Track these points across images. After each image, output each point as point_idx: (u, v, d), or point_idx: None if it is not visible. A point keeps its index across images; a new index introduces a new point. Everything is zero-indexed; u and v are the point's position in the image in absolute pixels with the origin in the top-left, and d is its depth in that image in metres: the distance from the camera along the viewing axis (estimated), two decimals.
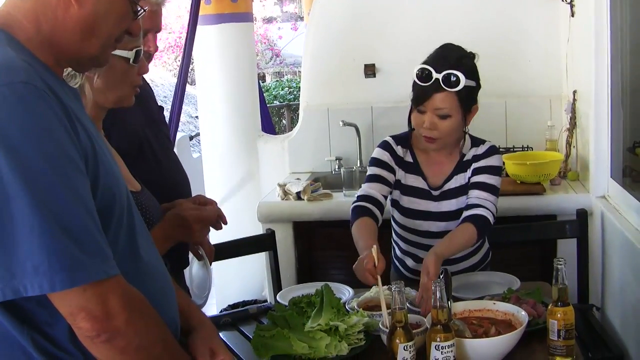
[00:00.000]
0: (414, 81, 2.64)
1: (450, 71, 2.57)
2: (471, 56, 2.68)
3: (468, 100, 2.65)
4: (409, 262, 2.90)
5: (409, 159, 2.81)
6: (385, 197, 2.77)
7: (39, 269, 1.28)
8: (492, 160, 2.74)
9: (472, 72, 2.64)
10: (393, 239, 2.97)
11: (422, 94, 2.61)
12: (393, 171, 2.79)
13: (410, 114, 2.72)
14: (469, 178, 2.74)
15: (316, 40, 4.54)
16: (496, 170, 2.74)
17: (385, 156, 2.80)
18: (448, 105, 2.60)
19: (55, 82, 1.44)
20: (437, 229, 2.77)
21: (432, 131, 2.64)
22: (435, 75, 2.57)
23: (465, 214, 2.65)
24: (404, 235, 2.87)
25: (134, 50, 2.02)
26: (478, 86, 2.68)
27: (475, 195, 2.68)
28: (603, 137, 3.33)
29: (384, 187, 2.77)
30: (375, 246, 2.39)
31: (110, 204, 1.47)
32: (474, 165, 2.74)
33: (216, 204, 2.36)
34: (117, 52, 1.98)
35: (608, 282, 3.21)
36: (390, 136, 2.85)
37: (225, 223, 2.32)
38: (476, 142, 2.79)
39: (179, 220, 2.17)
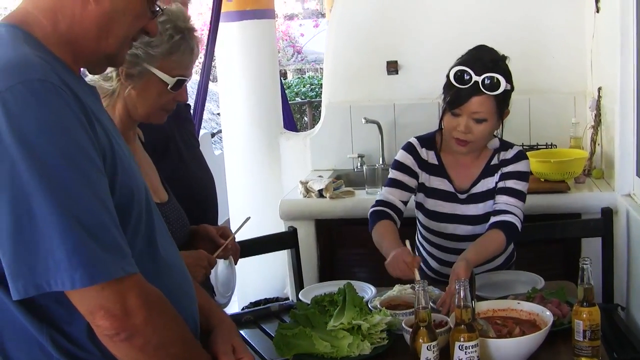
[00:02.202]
0: (449, 83, 2.59)
1: (491, 74, 2.52)
2: (504, 59, 2.64)
3: (504, 104, 2.61)
4: (433, 263, 2.88)
5: (433, 161, 2.77)
6: (405, 203, 2.75)
7: (60, 266, 1.28)
8: (520, 166, 2.71)
9: (508, 75, 2.59)
10: (418, 239, 2.95)
11: (459, 96, 2.55)
12: (415, 175, 2.76)
13: (443, 116, 2.66)
14: (497, 182, 2.71)
15: (338, 37, 4.52)
16: (524, 176, 2.71)
17: (408, 160, 2.76)
18: (485, 109, 2.55)
19: (72, 80, 1.44)
20: (463, 232, 2.75)
21: (466, 134, 2.59)
22: (474, 77, 2.52)
23: (494, 219, 2.62)
24: (428, 238, 2.85)
25: (176, 78, 2.03)
26: (512, 89, 2.63)
27: (503, 200, 2.65)
28: (628, 135, 3.29)
29: (403, 192, 2.74)
30: (407, 241, 2.38)
31: (129, 201, 1.47)
32: (503, 170, 2.71)
33: (234, 238, 2.39)
34: (160, 74, 2.00)
35: (633, 281, 3.18)
36: (415, 137, 2.82)
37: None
38: (505, 145, 2.75)
39: (196, 260, 2.18)
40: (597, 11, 3.83)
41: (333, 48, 4.55)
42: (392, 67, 4.42)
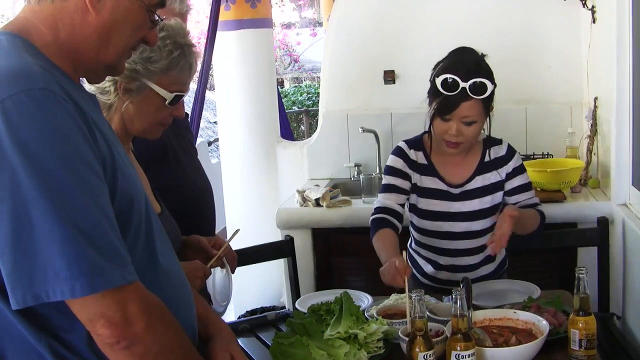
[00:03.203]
0: (435, 90, 2.63)
1: (478, 79, 2.56)
2: (484, 57, 2.69)
3: (490, 102, 2.66)
4: (428, 268, 2.88)
5: (423, 161, 2.81)
6: (403, 206, 2.79)
7: (60, 275, 1.28)
8: (517, 160, 2.81)
9: (491, 75, 2.64)
10: (411, 247, 2.96)
11: (449, 103, 2.59)
12: (408, 177, 2.79)
13: (432, 120, 2.69)
14: (503, 182, 2.78)
15: (335, 46, 4.53)
16: (524, 168, 2.83)
17: (398, 163, 2.81)
18: (475, 112, 2.60)
19: (73, 88, 1.44)
20: (459, 229, 2.77)
21: (457, 137, 2.64)
22: (462, 84, 2.56)
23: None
24: (423, 241, 2.86)
25: (174, 94, 2.04)
26: (495, 86, 2.67)
27: (523, 198, 2.78)
28: (624, 144, 3.30)
29: (399, 195, 2.78)
30: (404, 252, 2.41)
31: (129, 209, 1.47)
32: (505, 169, 2.78)
33: (230, 247, 2.39)
34: (158, 89, 2.01)
35: (629, 290, 3.18)
36: (403, 140, 2.88)
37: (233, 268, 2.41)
38: (493, 141, 2.82)
39: (192, 270, 2.18)
40: (594, 21, 3.85)
41: (330, 57, 4.56)
42: (389, 77, 4.43)
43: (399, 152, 2.84)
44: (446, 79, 2.59)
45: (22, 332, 1.40)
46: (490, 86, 2.58)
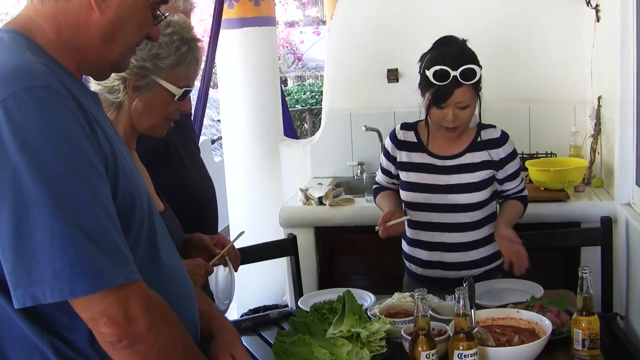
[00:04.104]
0: (427, 81, 2.74)
1: (467, 66, 2.67)
2: (466, 42, 2.80)
3: (479, 85, 2.76)
4: (422, 254, 2.91)
5: (412, 139, 2.94)
6: (394, 184, 3.00)
7: (60, 275, 1.28)
8: (510, 147, 2.89)
9: (476, 59, 2.76)
10: (403, 237, 2.98)
11: (443, 93, 2.70)
12: (393, 159, 2.96)
13: (428, 111, 2.79)
14: (496, 164, 2.85)
15: (339, 45, 4.53)
16: (516, 154, 2.92)
17: (389, 146, 3.00)
18: (468, 97, 2.72)
19: (75, 86, 1.44)
20: (447, 201, 2.84)
21: (454, 122, 2.75)
22: (452, 73, 2.67)
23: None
24: (415, 218, 2.91)
25: (183, 89, 2.05)
26: (481, 68, 2.76)
27: (513, 186, 2.92)
28: (628, 144, 3.30)
29: (388, 178, 3.05)
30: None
31: (131, 207, 1.47)
32: (498, 153, 2.85)
33: (233, 245, 2.41)
34: (166, 84, 2.02)
35: (633, 290, 3.18)
36: (401, 122, 3.02)
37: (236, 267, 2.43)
38: (485, 125, 2.92)
39: (194, 268, 2.17)
40: (598, 20, 3.84)
41: (334, 55, 4.56)
42: (393, 75, 4.42)
43: (391, 134, 3.02)
44: (437, 70, 2.70)
45: (24, 330, 1.40)
46: (478, 71, 2.70)
